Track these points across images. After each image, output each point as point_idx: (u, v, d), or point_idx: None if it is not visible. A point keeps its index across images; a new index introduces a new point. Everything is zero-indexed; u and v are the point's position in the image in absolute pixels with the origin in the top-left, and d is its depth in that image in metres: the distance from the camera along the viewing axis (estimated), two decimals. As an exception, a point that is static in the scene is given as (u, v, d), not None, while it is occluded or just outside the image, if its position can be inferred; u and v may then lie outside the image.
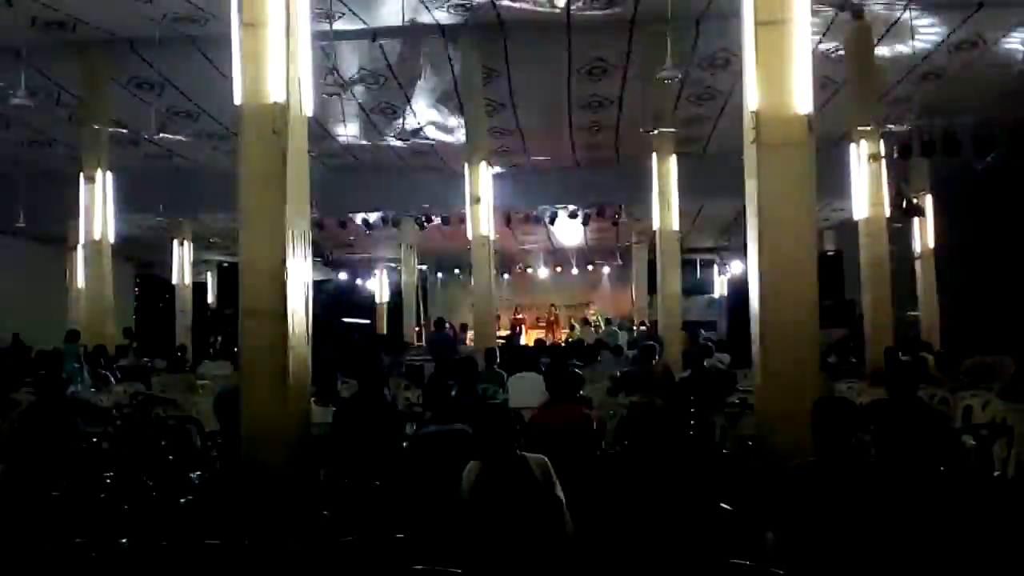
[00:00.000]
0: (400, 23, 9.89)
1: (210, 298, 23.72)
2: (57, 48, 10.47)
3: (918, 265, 14.31)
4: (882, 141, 10.51)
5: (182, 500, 5.22)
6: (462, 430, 4.81)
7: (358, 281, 26.50)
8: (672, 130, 11.29)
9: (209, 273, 23.97)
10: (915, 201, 13.65)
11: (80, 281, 13.34)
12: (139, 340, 15.19)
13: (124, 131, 11.04)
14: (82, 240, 11.25)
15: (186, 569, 3.11)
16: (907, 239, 14.19)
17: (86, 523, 4.40)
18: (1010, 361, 9.00)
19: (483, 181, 10.88)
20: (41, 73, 10.93)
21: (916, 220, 14.02)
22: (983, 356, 9.43)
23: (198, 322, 19.25)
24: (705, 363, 8.58)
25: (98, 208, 10.86)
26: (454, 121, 13.22)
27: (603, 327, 20.03)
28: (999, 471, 5.53)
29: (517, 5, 9.62)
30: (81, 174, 10.95)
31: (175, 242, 18.57)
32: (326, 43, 9.01)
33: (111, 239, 11.05)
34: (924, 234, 14.23)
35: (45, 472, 4.82)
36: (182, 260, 18.67)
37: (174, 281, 18.90)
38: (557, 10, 9.58)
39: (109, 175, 10.98)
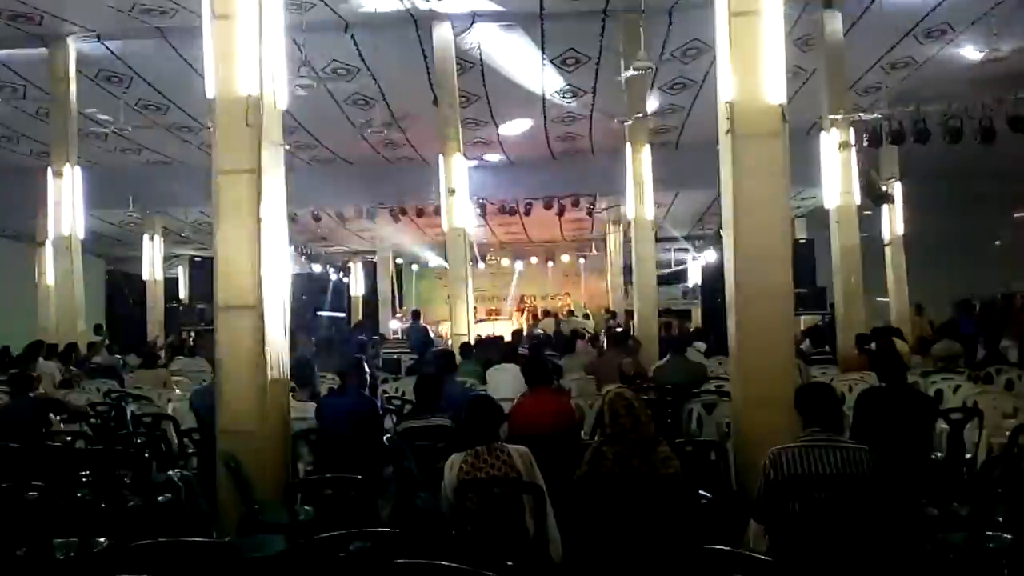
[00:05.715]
0: (372, 12, 9.83)
1: (182, 293, 23.45)
2: (23, 41, 10.29)
3: (888, 252, 14.49)
4: (852, 129, 10.63)
5: (160, 498, 5.18)
6: (442, 424, 4.81)
7: (332, 274, 26.33)
8: (645, 117, 11.29)
9: (181, 268, 23.69)
10: (885, 189, 13.82)
11: (49, 278, 13.13)
12: (110, 336, 14.99)
13: (101, 121, 10.85)
14: (51, 236, 11.07)
15: (164, 568, 3.08)
16: (877, 226, 14.36)
17: (62, 523, 4.35)
18: (978, 346, 9.18)
19: (458, 172, 10.84)
20: (7, 67, 10.74)
21: (886, 207, 14.19)
22: (952, 342, 9.63)
23: (170, 317, 19.00)
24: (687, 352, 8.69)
25: (67, 203, 10.70)
26: (428, 112, 13.15)
27: (579, 317, 20.11)
28: (971, 454, 5.64)
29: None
30: (49, 169, 10.78)
31: (146, 237, 18.31)
32: (298, 35, 8.92)
33: (80, 235, 10.88)
34: (894, 221, 14.40)
35: (20, 471, 4.76)
36: (153, 255, 18.43)
37: (145, 276, 18.63)
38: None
39: (78, 170, 10.81)
